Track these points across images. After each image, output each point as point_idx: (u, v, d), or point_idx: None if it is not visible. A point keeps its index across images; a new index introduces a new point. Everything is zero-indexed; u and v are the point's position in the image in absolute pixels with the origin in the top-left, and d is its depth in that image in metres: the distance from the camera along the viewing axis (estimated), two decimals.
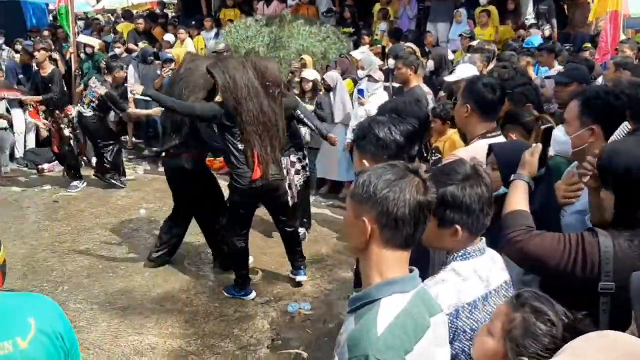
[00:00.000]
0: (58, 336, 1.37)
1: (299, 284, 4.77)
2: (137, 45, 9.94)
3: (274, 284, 4.85)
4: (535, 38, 7.96)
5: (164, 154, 5.02)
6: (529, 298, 1.47)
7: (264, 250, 5.47)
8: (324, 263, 5.22)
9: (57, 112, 7.35)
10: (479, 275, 1.76)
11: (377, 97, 6.43)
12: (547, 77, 4.35)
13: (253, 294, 4.57)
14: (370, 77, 6.57)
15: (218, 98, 4.26)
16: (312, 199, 7.01)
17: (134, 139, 9.44)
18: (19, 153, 8.35)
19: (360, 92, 6.48)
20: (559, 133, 2.37)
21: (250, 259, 4.81)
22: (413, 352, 1.29)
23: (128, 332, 4.05)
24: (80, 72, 9.39)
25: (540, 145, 2.07)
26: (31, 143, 8.57)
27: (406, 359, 1.27)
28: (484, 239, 1.83)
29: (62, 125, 7.21)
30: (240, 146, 4.18)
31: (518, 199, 1.97)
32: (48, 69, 7.67)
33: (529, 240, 1.84)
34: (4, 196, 7.03)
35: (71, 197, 7.03)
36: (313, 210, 6.39)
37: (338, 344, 1.39)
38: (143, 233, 5.92)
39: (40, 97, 7.69)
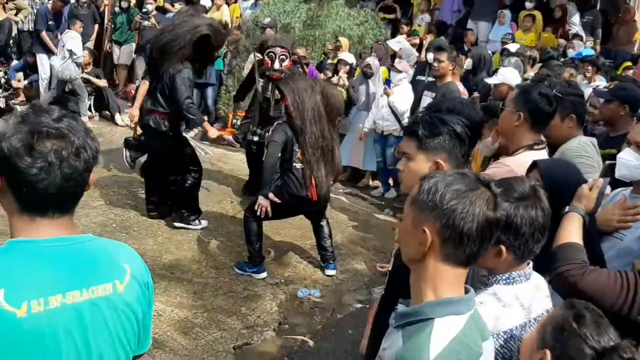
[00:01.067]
0: (146, 285, 1.41)
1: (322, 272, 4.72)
2: (173, 5, 9.80)
3: (286, 267, 4.80)
4: (587, 50, 7.74)
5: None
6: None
7: (279, 230, 5.39)
8: (337, 252, 5.13)
9: None
10: (520, 302, 1.66)
11: (400, 88, 6.32)
12: (597, 92, 4.19)
13: (264, 274, 4.51)
14: (393, 67, 6.44)
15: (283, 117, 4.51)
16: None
17: None
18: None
19: (388, 82, 6.37)
20: (629, 157, 2.21)
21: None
22: None
23: None
24: (112, 26, 9.30)
25: (602, 181, 1.95)
26: None
27: None
28: (531, 263, 1.73)
29: None
30: (298, 166, 4.27)
31: (572, 232, 1.86)
32: None
33: (584, 277, 1.73)
34: None
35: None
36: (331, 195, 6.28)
37: (380, 358, 1.31)
38: None
39: None
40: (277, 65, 5.38)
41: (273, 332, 3.91)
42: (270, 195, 4.22)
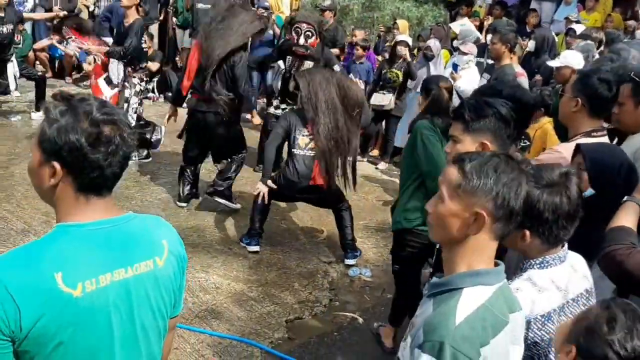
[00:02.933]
0: (182, 258, 1.52)
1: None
2: None
3: (338, 247, 4.89)
4: None
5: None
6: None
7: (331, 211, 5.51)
8: (389, 232, 5.19)
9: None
10: (556, 285, 1.69)
11: (468, 72, 6.23)
12: None
13: (256, 247, 4.57)
14: (459, 50, 6.35)
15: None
16: (381, 165, 7.01)
17: None
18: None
19: (455, 67, 6.28)
20: None
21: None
22: (488, 346, 1.28)
23: (196, 268, 4.22)
24: (174, 10, 9.53)
25: None
26: None
27: (481, 351, 1.26)
28: (566, 245, 1.75)
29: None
30: (298, 153, 4.40)
31: (626, 218, 1.87)
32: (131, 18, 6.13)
33: (630, 257, 1.74)
34: None
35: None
36: (383, 177, 6.35)
37: (412, 325, 1.39)
38: None
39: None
40: (302, 41, 5.36)
41: (324, 307, 4.03)
42: (269, 182, 4.35)
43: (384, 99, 6.62)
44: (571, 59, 4.57)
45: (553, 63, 4.79)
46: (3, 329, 1.21)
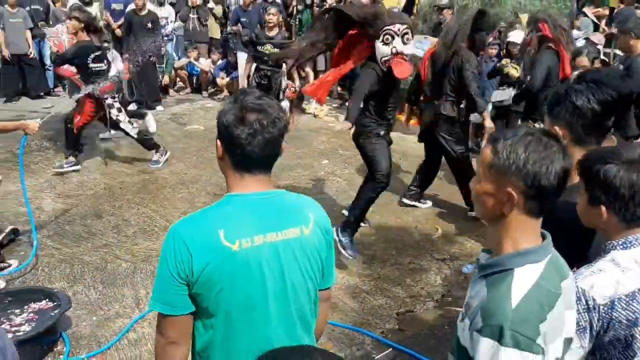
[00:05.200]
0: (327, 231, 1.73)
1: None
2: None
3: (452, 244, 4.92)
4: None
5: None
6: None
7: (449, 208, 5.54)
8: None
9: None
10: None
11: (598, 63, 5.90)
12: None
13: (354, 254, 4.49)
14: (587, 40, 6.03)
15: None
16: None
17: None
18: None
19: None
20: None
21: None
22: (546, 321, 1.31)
23: None
24: (298, 23, 10.04)
25: None
26: None
27: (540, 328, 1.30)
28: None
29: None
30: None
31: None
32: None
33: None
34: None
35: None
36: None
37: (469, 306, 1.44)
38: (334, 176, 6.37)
39: None
40: (399, 46, 4.27)
41: (436, 302, 4.09)
42: None
43: (504, 95, 6.47)
44: None
45: None
46: (180, 272, 1.51)
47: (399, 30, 4.22)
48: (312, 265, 1.66)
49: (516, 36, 6.41)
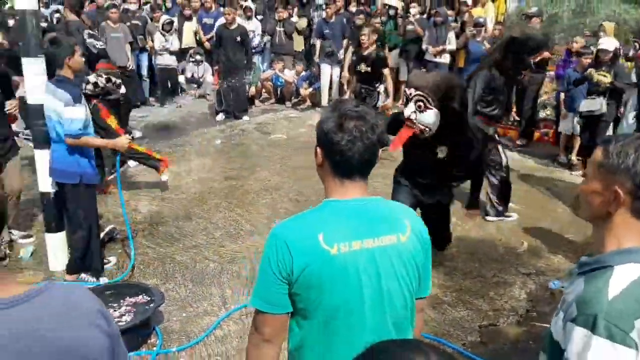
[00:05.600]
0: (424, 240, 1.75)
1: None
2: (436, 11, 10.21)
3: (539, 258, 4.77)
4: None
5: None
6: None
7: (535, 223, 5.37)
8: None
9: None
10: None
11: None
12: None
13: None
14: None
15: None
16: None
17: None
18: None
19: None
20: None
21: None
22: None
23: None
24: (382, 34, 10.09)
25: None
26: None
27: (635, 324, 1.28)
28: None
29: None
30: None
31: None
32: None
33: None
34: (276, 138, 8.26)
35: None
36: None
37: (564, 301, 1.45)
38: None
39: None
40: (407, 110, 3.98)
41: (520, 317, 3.98)
42: None
43: (594, 104, 6.22)
44: None
45: None
46: (282, 271, 1.57)
47: (410, 94, 3.94)
48: (408, 272, 1.66)
49: (607, 43, 6.14)
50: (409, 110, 3.92)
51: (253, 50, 10.30)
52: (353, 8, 10.92)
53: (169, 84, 10.51)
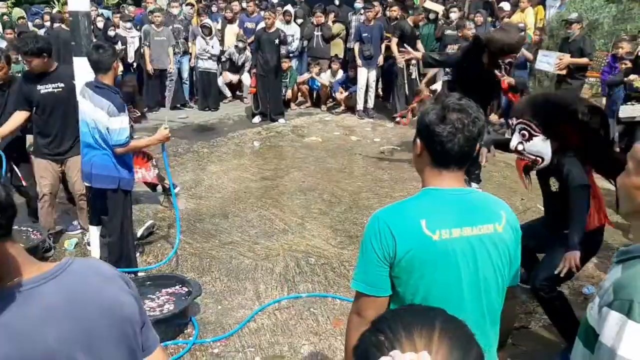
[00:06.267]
0: (516, 230, 1.77)
1: None
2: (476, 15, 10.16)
3: None
4: None
5: None
6: None
7: None
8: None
9: None
10: None
11: None
12: None
13: None
14: None
15: None
16: None
17: None
18: None
19: None
20: None
21: None
22: None
23: None
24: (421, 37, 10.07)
25: None
26: None
27: None
28: None
29: None
30: None
31: None
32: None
33: None
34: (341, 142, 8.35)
35: (396, 151, 7.94)
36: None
37: (600, 287, 1.48)
38: None
39: None
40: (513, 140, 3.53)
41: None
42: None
43: (635, 110, 6.12)
44: None
45: None
46: (385, 254, 1.64)
47: (513, 124, 3.51)
48: (502, 261, 1.71)
49: None
50: (514, 142, 3.46)
51: (291, 55, 10.47)
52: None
53: (209, 88, 10.71)
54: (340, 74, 10.49)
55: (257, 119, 9.76)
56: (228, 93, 11.23)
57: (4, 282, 1.19)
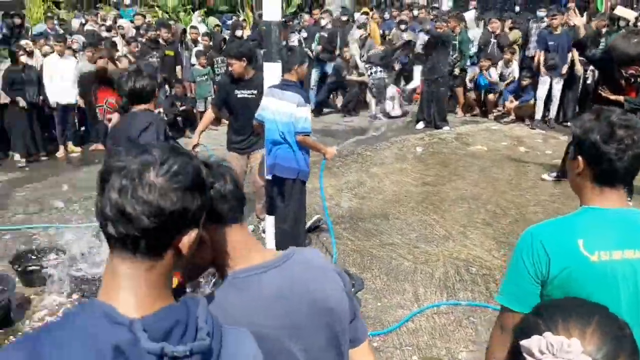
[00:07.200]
0: None
1: None
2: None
3: None
4: None
5: None
6: None
7: None
8: None
9: None
10: None
11: None
12: None
13: None
14: None
15: None
16: None
17: None
18: None
19: None
20: None
21: None
22: None
23: None
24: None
25: None
26: None
27: None
28: None
29: None
30: None
31: None
32: None
33: None
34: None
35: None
36: None
37: None
38: None
39: None
40: None
41: None
42: None
43: None
44: None
45: None
46: (537, 272, 1.60)
47: None
48: None
49: None
50: None
51: (469, 63, 10.37)
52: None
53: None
54: (514, 66, 10.05)
55: (420, 125, 9.78)
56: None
57: (227, 267, 1.32)
